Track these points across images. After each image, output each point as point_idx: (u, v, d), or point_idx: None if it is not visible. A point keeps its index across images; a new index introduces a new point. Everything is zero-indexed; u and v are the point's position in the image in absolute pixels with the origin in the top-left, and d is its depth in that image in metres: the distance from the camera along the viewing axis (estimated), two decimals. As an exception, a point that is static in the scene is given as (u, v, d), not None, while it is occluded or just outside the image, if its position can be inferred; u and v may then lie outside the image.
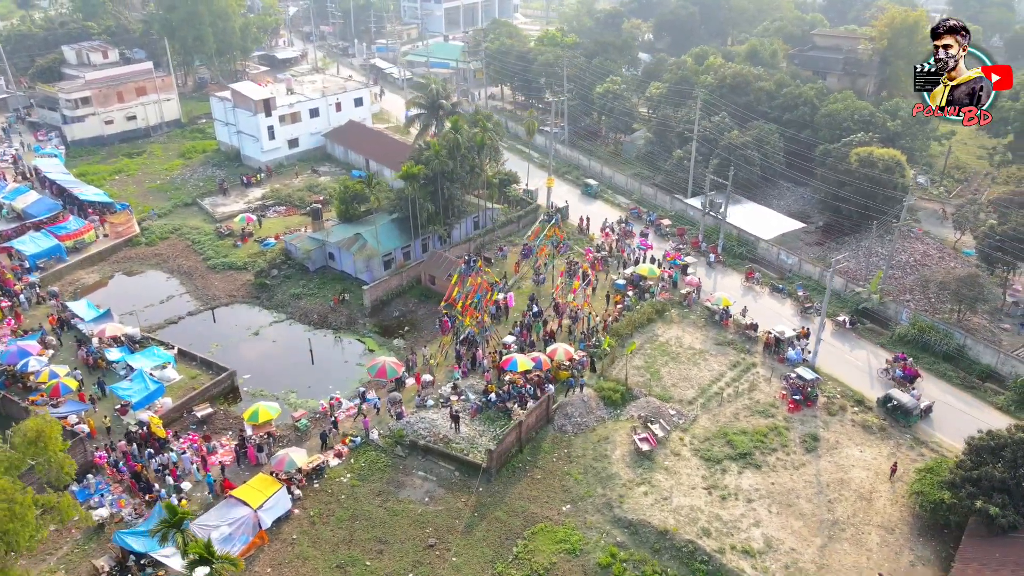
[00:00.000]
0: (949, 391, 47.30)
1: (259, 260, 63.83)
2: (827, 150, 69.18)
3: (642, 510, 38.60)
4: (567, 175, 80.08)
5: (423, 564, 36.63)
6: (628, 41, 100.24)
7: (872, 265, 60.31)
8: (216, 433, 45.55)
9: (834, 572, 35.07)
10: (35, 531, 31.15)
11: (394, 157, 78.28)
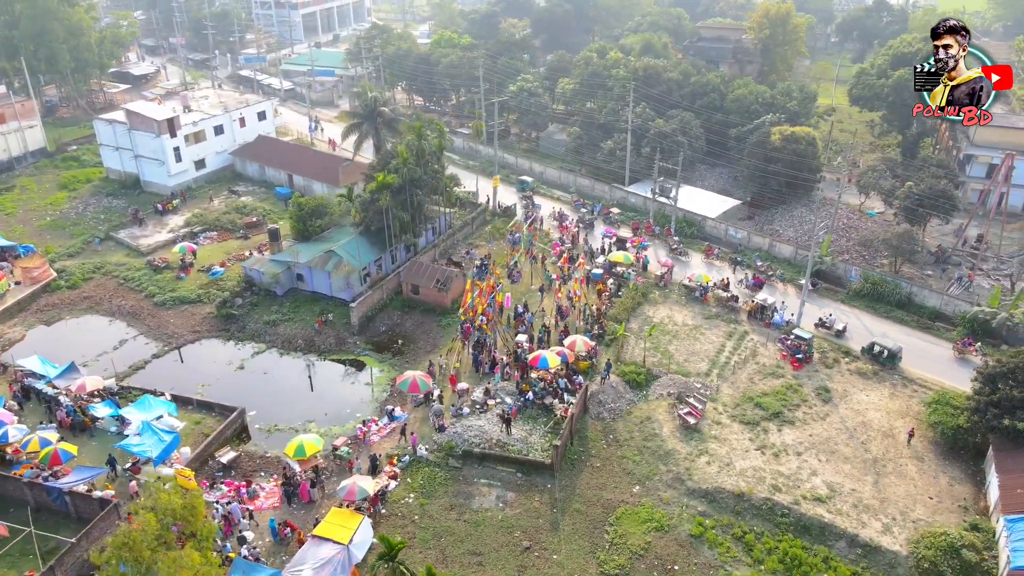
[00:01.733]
0: (910, 333, 53.81)
1: (213, 291, 59.44)
2: (744, 131, 75.34)
3: (712, 478, 40.93)
4: (483, 172, 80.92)
5: (528, 568, 36.63)
6: (527, 39, 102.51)
7: (806, 232, 66.83)
8: (247, 476, 42.35)
9: (893, 503, 39.26)
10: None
11: (323, 170, 75.69)
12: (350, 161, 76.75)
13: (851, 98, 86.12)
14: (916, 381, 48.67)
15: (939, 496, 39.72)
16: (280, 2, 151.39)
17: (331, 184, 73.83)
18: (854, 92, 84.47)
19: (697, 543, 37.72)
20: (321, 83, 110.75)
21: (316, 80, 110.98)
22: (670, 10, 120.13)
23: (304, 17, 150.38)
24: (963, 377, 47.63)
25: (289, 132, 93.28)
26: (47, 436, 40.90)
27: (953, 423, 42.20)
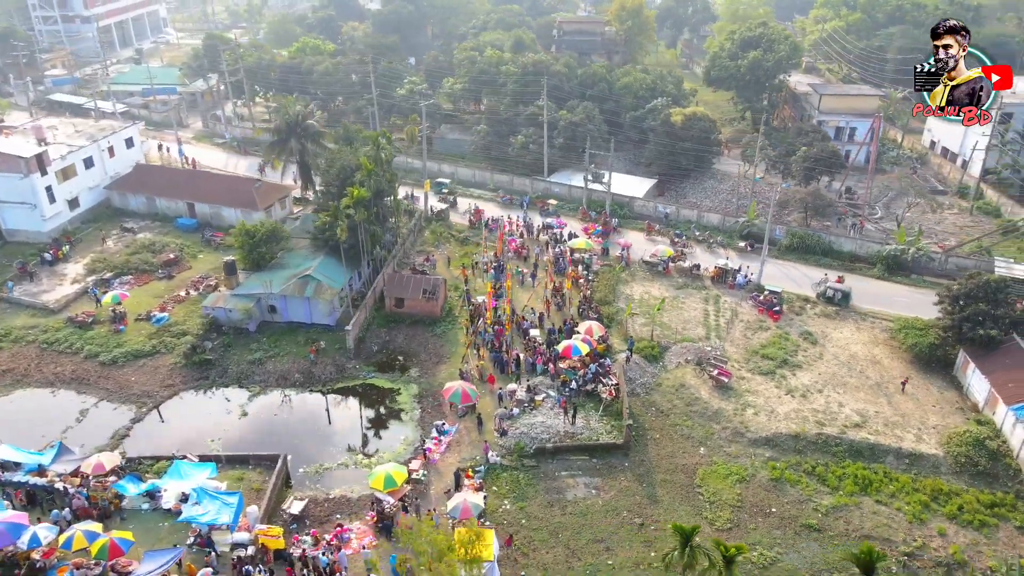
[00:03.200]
0: (841, 275, 62.24)
1: (168, 338, 53.30)
2: (639, 115, 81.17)
3: (765, 426, 45.11)
4: (406, 179, 79.64)
5: (653, 541, 38.18)
6: (395, 43, 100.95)
7: (722, 201, 74.06)
8: (324, 523, 39.36)
9: (911, 416, 45.96)
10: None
11: (234, 194, 70.03)
12: (262, 182, 71.69)
13: (707, 80, 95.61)
14: (869, 315, 56.66)
15: (939, 404, 47.21)
16: (68, 15, 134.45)
17: (248, 208, 68.55)
18: (712, 74, 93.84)
19: (779, 485, 41.60)
20: (164, 102, 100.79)
21: (155, 99, 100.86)
22: (511, 7, 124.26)
23: (99, 31, 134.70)
24: (902, 306, 56.68)
25: (152, 158, 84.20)
26: (91, 528, 35.05)
27: (926, 342, 50.11)
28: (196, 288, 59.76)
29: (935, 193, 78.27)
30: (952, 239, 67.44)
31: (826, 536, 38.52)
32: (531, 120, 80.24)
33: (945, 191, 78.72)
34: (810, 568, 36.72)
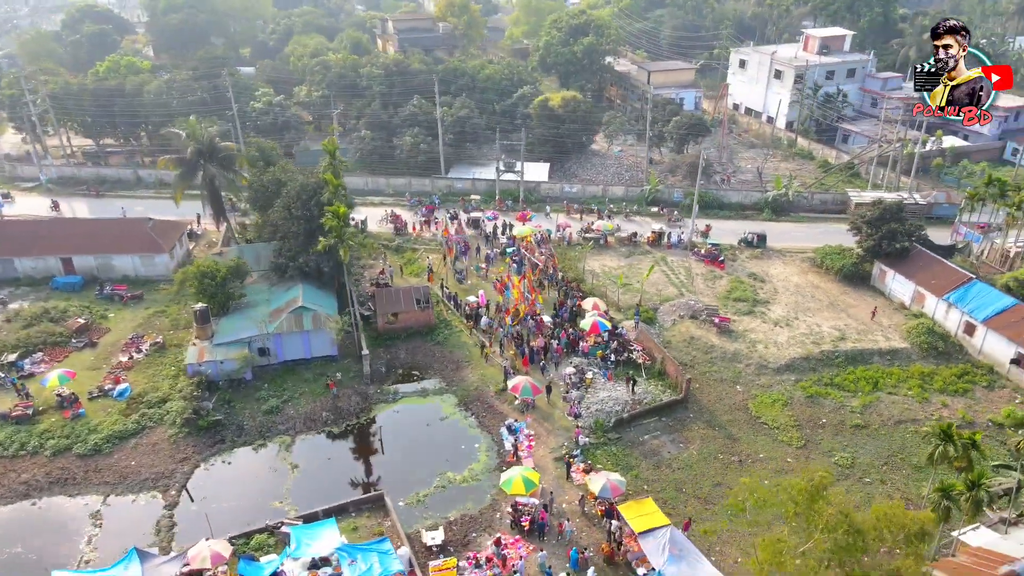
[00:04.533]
0: (739, 223, 71.67)
1: (146, 410, 45.94)
2: (510, 104, 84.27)
3: (780, 355, 51.68)
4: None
5: (759, 471, 42.51)
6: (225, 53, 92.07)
7: (614, 175, 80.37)
8: (466, 545, 37.90)
9: (869, 324, 55.45)
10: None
11: (127, 239, 60.88)
12: (153, 220, 62.74)
13: (542, 67, 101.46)
14: (783, 251, 66.44)
15: (880, 308, 57.59)
16: None
17: (147, 252, 60.10)
18: (548, 61, 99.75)
19: (814, 400, 48.33)
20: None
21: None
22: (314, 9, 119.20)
23: None
24: (800, 239, 67.45)
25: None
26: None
27: (849, 262, 60.53)
28: (138, 350, 51.56)
29: (753, 147, 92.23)
30: (795, 181, 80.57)
31: (872, 429, 45.98)
32: (411, 120, 79.43)
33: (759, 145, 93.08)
34: (887, 455, 43.79)
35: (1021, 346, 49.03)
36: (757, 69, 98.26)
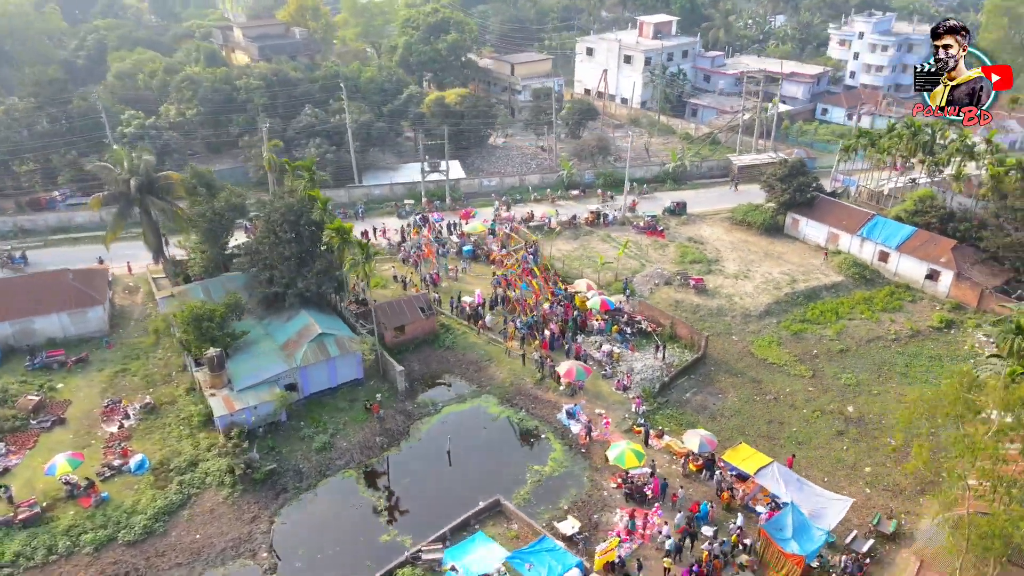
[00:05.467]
0: (658, 193, 77.95)
1: (177, 476, 40.78)
2: (398, 105, 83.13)
3: (754, 304, 57.80)
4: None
5: (789, 404, 47.94)
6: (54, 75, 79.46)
7: (520, 165, 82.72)
8: (594, 529, 38.82)
9: (807, 264, 63.58)
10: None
11: (54, 296, 52.54)
12: (70, 271, 54.05)
13: (403, 66, 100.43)
14: (701, 215, 73.59)
15: (803, 252, 66.24)
16: None
17: (83, 306, 52.03)
18: (411, 60, 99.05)
19: (799, 336, 54.78)
20: None
21: None
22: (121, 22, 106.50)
23: None
24: (707, 202, 75.26)
25: None
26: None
27: (768, 216, 68.79)
28: (126, 416, 45.00)
29: (618, 128, 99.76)
30: (689, 153, 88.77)
31: (853, 351, 53.46)
32: (307, 131, 75.46)
33: (621, 124, 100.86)
34: (877, 369, 51.33)
35: (931, 263, 59.67)
36: (606, 55, 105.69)
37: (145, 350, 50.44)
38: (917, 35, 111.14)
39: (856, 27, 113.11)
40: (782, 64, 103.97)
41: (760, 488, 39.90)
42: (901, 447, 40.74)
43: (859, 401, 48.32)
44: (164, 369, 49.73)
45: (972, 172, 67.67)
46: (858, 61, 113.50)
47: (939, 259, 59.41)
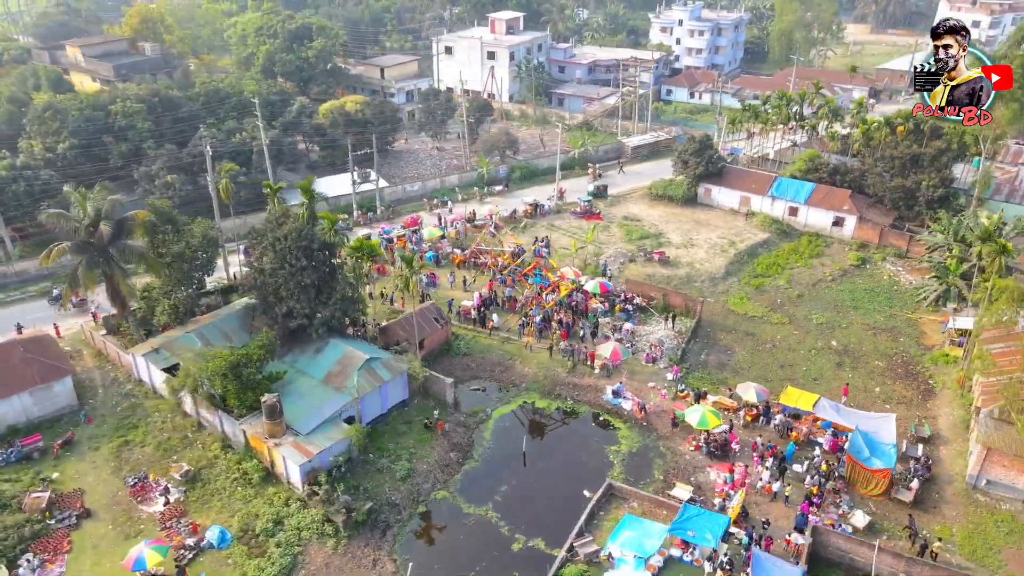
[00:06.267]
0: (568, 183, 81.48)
1: (272, 538, 37.18)
2: (293, 117, 78.56)
3: (713, 266, 63.43)
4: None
5: (788, 349, 53.86)
6: None
7: (432, 167, 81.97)
8: (699, 485, 41.43)
9: (734, 227, 70.52)
10: None
11: (13, 373, 44.26)
12: (18, 342, 45.56)
13: (266, 76, 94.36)
14: (619, 195, 78.39)
15: (722, 217, 73.35)
16: None
17: (48, 380, 44.35)
18: (275, 70, 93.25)
19: (760, 289, 61.04)
20: None
21: None
22: None
23: None
24: (618, 182, 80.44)
25: None
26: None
27: (684, 188, 75.15)
28: (165, 491, 39.65)
29: (495, 122, 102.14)
30: (589, 141, 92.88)
31: (808, 295, 60.79)
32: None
33: (497, 119, 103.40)
34: (833, 306, 58.94)
35: (836, 212, 69.33)
36: (467, 53, 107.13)
37: (144, 416, 44.21)
38: (724, 20, 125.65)
39: (675, 15, 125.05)
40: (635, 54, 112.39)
41: (814, 422, 44.90)
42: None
43: (837, 335, 55.54)
44: (175, 432, 43.97)
45: (842, 132, 78.91)
46: (681, 46, 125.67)
47: (842, 207, 69.21)
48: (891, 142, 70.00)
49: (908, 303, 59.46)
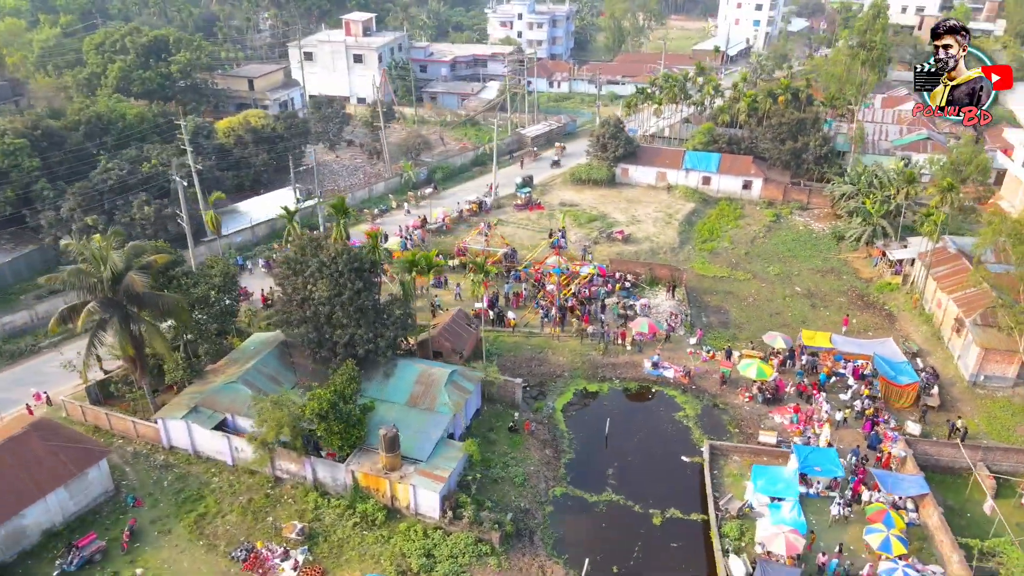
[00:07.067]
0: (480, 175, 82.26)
1: (438, 568, 35.65)
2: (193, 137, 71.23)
3: (670, 238, 68.28)
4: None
5: (767, 297, 60.11)
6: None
7: (345, 176, 78.34)
8: (773, 428, 45.62)
9: (664, 202, 75.96)
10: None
11: (16, 479, 37.43)
12: (31, 429, 37.82)
13: (125, 93, 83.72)
14: (543, 184, 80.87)
15: (651, 192, 78.65)
16: None
17: (82, 468, 37.76)
18: (135, 88, 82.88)
19: (713, 252, 67.01)
20: None
21: None
22: None
23: None
24: (542, 169, 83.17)
25: None
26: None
27: (605, 170, 79.40)
28: (285, 555, 35.95)
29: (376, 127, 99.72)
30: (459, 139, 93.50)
31: (753, 250, 67.72)
32: (115, 188, 60.73)
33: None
34: (778, 259, 66.32)
35: (744, 176, 77.51)
36: (331, 58, 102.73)
37: (203, 484, 39.26)
38: (558, 12, 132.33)
39: (514, 9, 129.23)
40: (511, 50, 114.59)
41: (830, 356, 51.07)
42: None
43: (795, 282, 62.86)
44: (251, 492, 39.44)
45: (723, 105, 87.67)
46: (523, 38, 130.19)
47: (749, 172, 77.55)
48: (776, 111, 79.52)
49: (831, 247, 68.69)
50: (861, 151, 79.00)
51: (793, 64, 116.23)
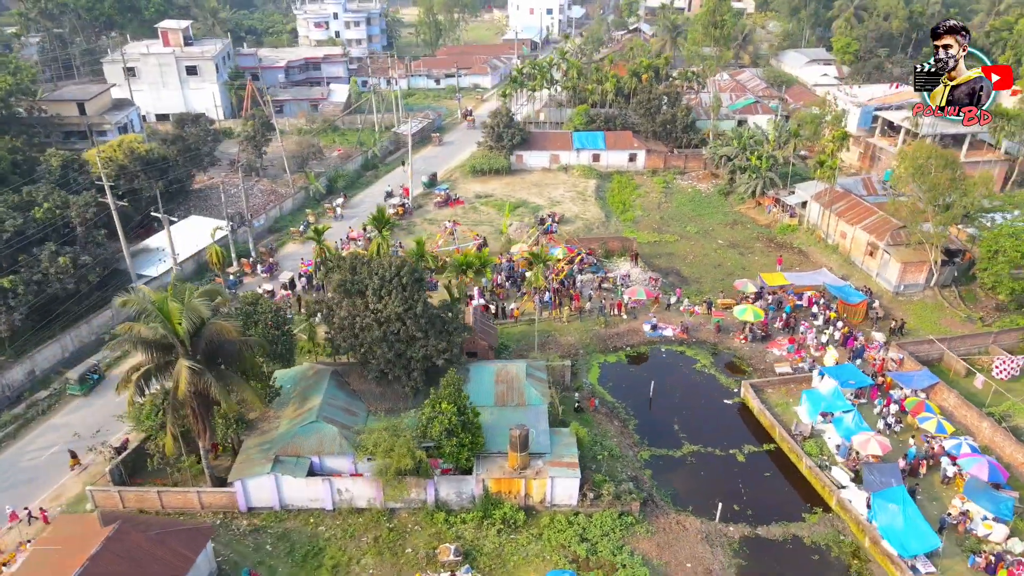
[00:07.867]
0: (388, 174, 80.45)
1: (611, 537, 36.94)
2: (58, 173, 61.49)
3: (597, 214, 72.64)
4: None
5: (716, 243, 66.93)
6: None
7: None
8: (778, 358, 51.90)
9: (578, 182, 79.84)
10: None
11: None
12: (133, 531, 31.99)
13: None
14: (443, 179, 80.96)
15: (550, 175, 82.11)
16: None
17: (199, 548, 33.10)
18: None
19: (635, 220, 72.79)
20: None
21: None
22: None
23: None
24: (431, 165, 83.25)
25: None
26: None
27: (503, 158, 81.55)
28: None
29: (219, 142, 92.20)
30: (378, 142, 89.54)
31: (666, 216, 74.49)
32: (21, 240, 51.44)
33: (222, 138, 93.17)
34: (690, 219, 73.66)
35: (629, 150, 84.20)
36: (159, 72, 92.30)
37: (310, 537, 36.37)
38: (373, 11, 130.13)
39: (329, 9, 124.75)
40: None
41: (785, 292, 58.83)
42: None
43: (715, 235, 70.60)
44: (367, 531, 36.99)
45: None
46: (341, 37, 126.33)
47: (632, 145, 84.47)
48: (642, 88, 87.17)
49: (722, 202, 77.70)
50: (716, 118, 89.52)
51: (607, 45, 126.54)
